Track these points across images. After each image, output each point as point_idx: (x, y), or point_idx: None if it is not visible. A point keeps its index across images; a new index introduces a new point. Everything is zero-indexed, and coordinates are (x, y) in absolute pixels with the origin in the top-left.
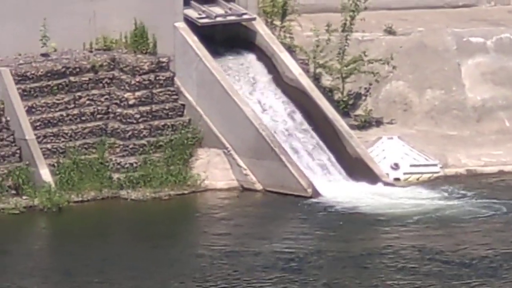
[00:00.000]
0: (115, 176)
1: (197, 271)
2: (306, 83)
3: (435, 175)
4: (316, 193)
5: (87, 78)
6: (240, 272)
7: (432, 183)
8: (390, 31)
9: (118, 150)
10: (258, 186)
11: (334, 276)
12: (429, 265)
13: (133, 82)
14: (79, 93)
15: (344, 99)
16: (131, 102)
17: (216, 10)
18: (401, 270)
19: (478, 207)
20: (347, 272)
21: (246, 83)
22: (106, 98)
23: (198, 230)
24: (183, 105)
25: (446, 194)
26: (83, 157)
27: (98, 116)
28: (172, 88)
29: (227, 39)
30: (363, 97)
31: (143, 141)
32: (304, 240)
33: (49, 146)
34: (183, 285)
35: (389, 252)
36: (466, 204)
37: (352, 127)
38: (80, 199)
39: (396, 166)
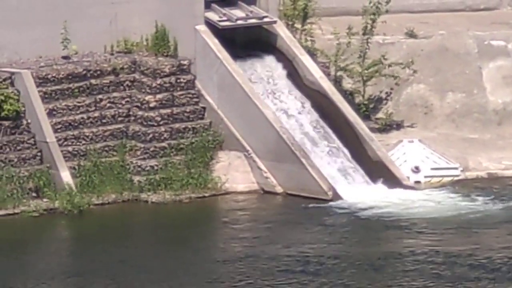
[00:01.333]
0: (136, 178)
1: (216, 275)
2: (327, 86)
3: (456, 178)
4: (336, 196)
5: (108, 81)
6: (258, 276)
7: (453, 186)
8: (411, 34)
9: (138, 152)
10: (279, 189)
11: (352, 279)
12: (449, 269)
13: (154, 84)
14: (100, 96)
15: (365, 102)
16: (152, 105)
17: (237, 13)
18: (420, 274)
19: (499, 211)
20: (366, 275)
21: (267, 86)
22: (127, 101)
23: (218, 233)
24: (204, 108)
25: (467, 198)
26: (104, 159)
27: (119, 118)
28: (193, 91)
29: (248, 42)
30: (384, 100)
31: (164, 144)
32: (324, 243)
33: (70, 148)
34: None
35: (409, 256)
36: (487, 207)
37: (373, 130)
38: (100, 201)
39: (417, 169)
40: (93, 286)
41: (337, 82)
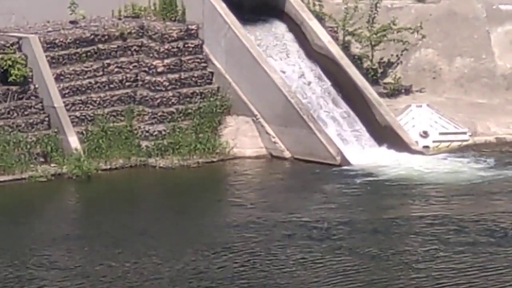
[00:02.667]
0: (144, 144)
1: (221, 240)
2: (336, 51)
3: (465, 143)
4: (345, 161)
5: (115, 46)
6: (264, 241)
7: (462, 151)
8: None
9: (146, 117)
10: (287, 154)
11: (360, 244)
12: (457, 234)
13: (161, 49)
14: (107, 61)
15: (374, 67)
16: (159, 70)
17: None
18: (428, 239)
19: (508, 176)
20: (373, 240)
21: (275, 51)
22: (135, 66)
23: (226, 199)
24: (212, 72)
25: (475, 162)
26: (111, 124)
27: (127, 83)
28: (200, 56)
29: (255, 6)
30: (393, 65)
31: (172, 109)
32: (331, 209)
33: (77, 113)
34: (207, 253)
35: (417, 221)
36: (496, 172)
37: (381, 95)
38: (108, 167)
39: (425, 134)
40: (95, 249)
41: (345, 47)
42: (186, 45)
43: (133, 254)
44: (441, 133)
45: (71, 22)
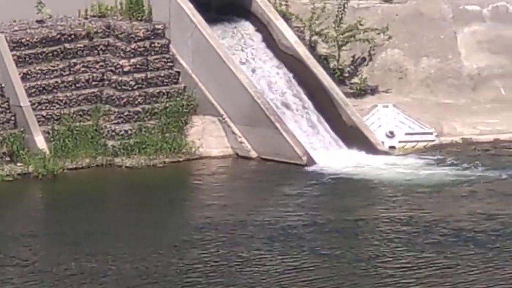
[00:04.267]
0: (110, 143)
1: (187, 239)
2: (302, 51)
3: (431, 143)
4: (311, 161)
5: (82, 45)
6: (229, 241)
7: (428, 151)
8: None
9: (113, 117)
10: (253, 154)
11: (324, 245)
12: (422, 235)
13: (128, 49)
14: (74, 60)
15: (340, 67)
16: (126, 69)
17: None
18: (393, 240)
19: (474, 176)
20: (338, 241)
21: (241, 51)
22: (101, 65)
23: (191, 198)
24: (178, 72)
25: (441, 163)
26: (78, 124)
27: (93, 83)
28: (167, 55)
29: (222, 6)
30: (359, 65)
31: (138, 108)
32: (296, 209)
33: (44, 113)
34: (171, 252)
35: (382, 222)
36: (461, 173)
37: (348, 95)
38: (74, 166)
39: (391, 134)
40: (57, 247)
41: (312, 47)
42: (152, 45)
43: (91, 253)
44: (407, 134)
45: (38, 21)
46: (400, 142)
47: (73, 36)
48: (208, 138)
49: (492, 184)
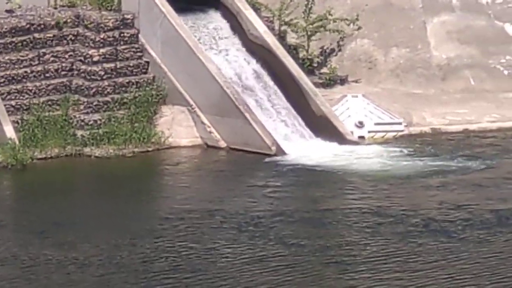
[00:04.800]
0: (79, 133)
1: (153, 229)
2: (271, 41)
3: (400, 133)
4: (280, 151)
5: (51, 35)
6: (195, 231)
7: (397, 141)
8: None
9: (82, 107)
10: (222, 144)
11: (291, 235)
12: (390, 225)
13: (97, 39)
14: (43, 50)
15: (309, 57)
16: (95, 59)
17: None
18: (360, 230)
19: (442, 167)
20: (305, 231)
21: (211, 41)
22: (71, 55)
23: (160, 188)
24: (148, 62)
25: (410, 153)
26: (47, 114)
27: (62, 73)
28: (136, 45)
29: None
30: (328, 55)
31: (107, 98)
32: (265, 199)
33: (13, 102)
34: (137, 242)
35: (350, 212)
36: (430, 163)
37: (317, 85)
38: (43, 156)
39: (360, 125)
40: (24, 237)
41: (281, 37)
42: (122, 35)
43: (58, 242)
44: (376, 124)
45: (7, 11)
46: (369, 132)
47: (42, 26)
48: (177, 128)
49: (462, 174)
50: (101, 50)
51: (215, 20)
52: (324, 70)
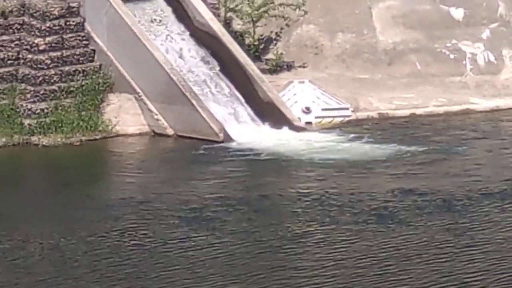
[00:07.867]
0: (26, 122)
1: (103, 217)
2: (217, 27)
3: (347, 118)
4: (227, 138)
5: None
6: (139, 219)
7: (344, 126)
8: None
9: (29, 96)
10: (170, 131)
11: (231, 223)
12: (337, 211)
13: (43, 27)
14: None
15: (255, 43)
16: (41, 48)
17: None
18: (308, 216)
19: (389, 151)
20: (252, 218)
21: (156, 28)
22: (16, 44)
23: (107, 177)
24: (94, 50)
25: (357, 138)
26: None
27: (9, 62)
28: (82, 34)
29: None
30: (274, 41)
31: (54, 87)
32: (213, 186)
33: None
34: (82, 231)
35: (297, 198)
36: (377, 148)
37: (263, 71)
38: None
39: (307, 110)
40: None
41: (227, 23)
42: (67, 23)
43: (1, 233)
44: (323, 109)
45: None
46: (316, 117)
47: None
48: (125, 116)
49: (408, 158)
50: (47, 39)
51: (160, 7)
52: (270, 56)
